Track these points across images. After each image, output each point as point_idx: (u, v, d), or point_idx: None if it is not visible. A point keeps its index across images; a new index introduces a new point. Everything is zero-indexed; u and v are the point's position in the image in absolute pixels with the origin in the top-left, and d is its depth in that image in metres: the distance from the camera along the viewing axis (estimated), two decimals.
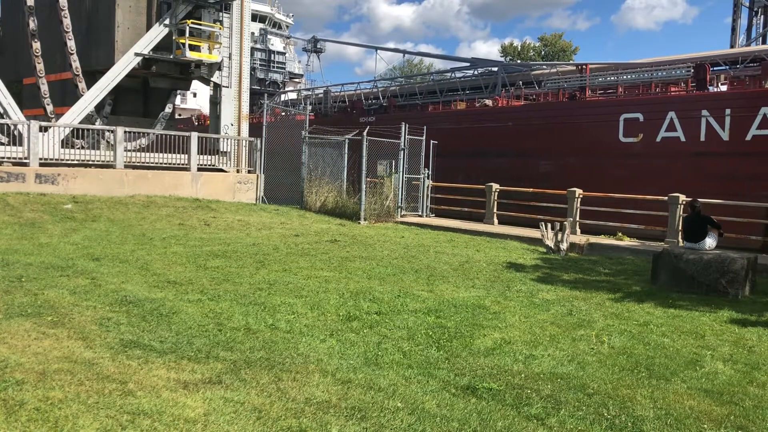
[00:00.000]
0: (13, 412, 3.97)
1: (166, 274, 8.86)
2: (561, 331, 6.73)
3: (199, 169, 20.85)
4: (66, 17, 20.64)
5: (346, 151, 20.06)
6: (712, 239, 10.08)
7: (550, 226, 14.00)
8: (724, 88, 23.25)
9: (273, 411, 4.24)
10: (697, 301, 8.79)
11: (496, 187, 18.72)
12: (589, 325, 7.10)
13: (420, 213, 20.34)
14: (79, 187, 17.97)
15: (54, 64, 21.69)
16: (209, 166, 21.75)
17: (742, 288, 9.23)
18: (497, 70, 33.15)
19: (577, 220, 16.26)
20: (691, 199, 11.57)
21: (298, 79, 50.01)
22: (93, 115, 21.57)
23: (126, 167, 19.39)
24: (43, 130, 18.43)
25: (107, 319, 6.33)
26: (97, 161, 19.23)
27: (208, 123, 26.83)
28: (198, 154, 20.87)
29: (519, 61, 57.38)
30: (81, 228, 13.83)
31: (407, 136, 19.78)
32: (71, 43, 20.68)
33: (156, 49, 21.75)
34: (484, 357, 5.69)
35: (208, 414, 4.13)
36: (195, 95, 54.20)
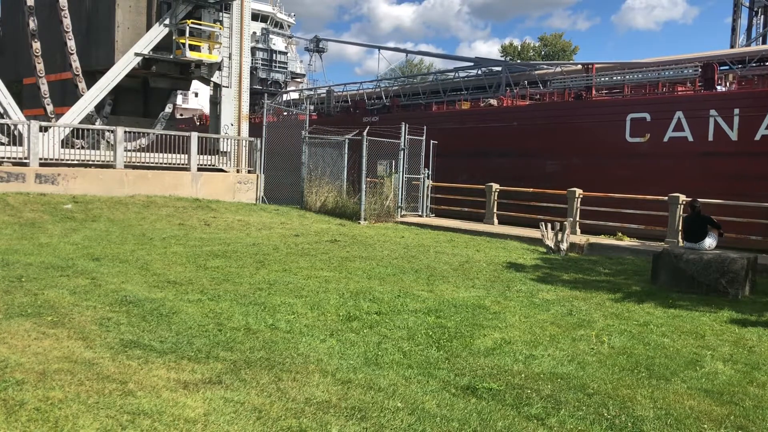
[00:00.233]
0: (13, 412, 3.97)
1: (166, 274, 8.86)
2: (561, 331, 6.73)
3: (199, 169, 20.86)
4: (66, 17, 20.65)
5: (346, 151, 20.06)
6: (712, 239, 10.09)
7: (550, 226, 14.00)
8: (734, 87, 23.06)
9: (273, 411, 4.24)
10: (697, 301, 8.79)
11: (496, 187, 18.71)
12: (589, 325, 7.10)
13: (420, 213, 20.34)
14: (79, 187, 17.97)
15: (54, 64, 21.70)
16: (209, 166, 21.75)
17: (742, 288, 9.23)
18: (501, 69, 33.11)
19: (577, 220, 16.26)
20: (691, 199, 11.57)
21: (300, 79, 49.93)
22: (93, 115, 21.58)
23: (126, 167, 19.39)
24: (43, 130, 18.43)
25: (107, 319, 6.34)
26: (97, 161, 19.24)
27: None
28: (198, 154, 20.87)
29: (519, 61, 57.31)
30: (81, 228, 13.84)
31: (407, 136, 19.79)
32: (71, 43, 20.69)
33: (156, 49, 21.76)
34: (484, 357, 5.69)
35: (208, 414, 4.13)
36: (197, 95, 54.16)
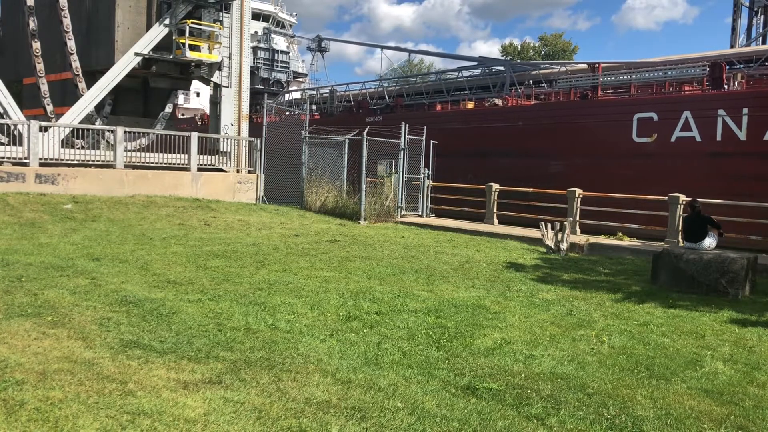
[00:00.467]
0: (13, 412, 3.97)
1: (166, 274, 8.86)
2: (561, 331, 6.73)
3: (199, 169, 20.86)
4: (66, 17, 20.65)
5: (346, 151, 20.05)
6: (712, 239, 10.09)
7: (550, 226, 13.99)
8: (743, 86, 22.81)
9: (273, 411, 4.24)
10: (697, 301, 8.78)
11: (496, 187, 18.71)
12: (589, 325, 7.10)
13: (420, 213, 20.33)
14: (79, 187, 17.97)
15: (54, 64, 21.70)
16: (209, 166, 21.75)
17: (742, 288, 9.23)
18: (505, 69, 33.04)
19: (577, 220, 16.25)
20: (691, 198, 11.57)
21: (302, 79, 49.83)
22: (93, 115, 21.59)
23: (126, 167, 19.39)
24: (43, 130, 18.43)
25: (107, 319, 6.34)
26: (97, 161, 19.24)
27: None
28: (198, 154, 20.88)
29: (519, 61, 57.30)
30: (81, 228, 13.83)
31: (407, 136, 19.79)
32: (71, 43, 20.69)
33: (156, 49, 21.76)
34: (484, 357, 5.69)
35: (208, 414, 4.13)
36: (198, 95, 54.01)
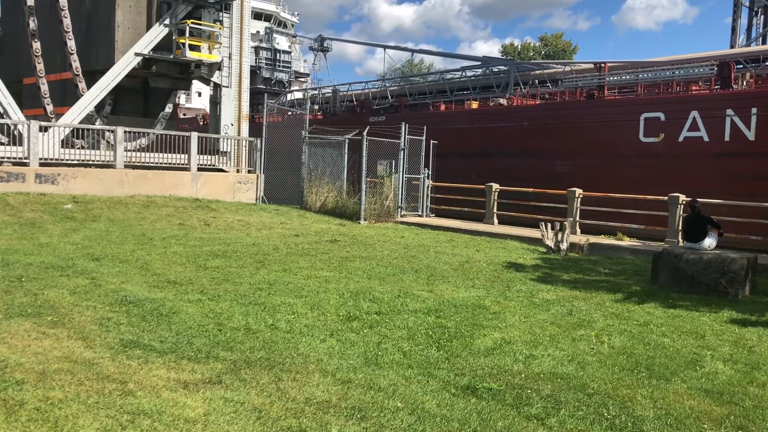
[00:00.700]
0: (13, 412, 3.97)
1: (166, 274, 8.86)
2: (561, 331, 6.73)
3: (199, 169, 20.85)
4: (66, 17, 20.65)
5: (346, 151, 20.05)
6: (711, 239, 10.08)
7: (550, 226, 13.99)
8: (751, 86, 22.60)
9: (273, 411, 4.24)
10: (697, 301, 8.78)
11: (496, 187, 18.70)
12: (589, 325, 7.09)
13: (420, 213, 20.33)
14: (79, 187, 17.97)
15: (54, 64, 21.70)
16: (209, 166, 21.75)
17: (742, 288, 9.23)
18: (509, 68, 32.98)
19: (577, 220, 16.25)
20: (691, 198, 11.57)
21: (303, 79, 49.74)
22: (93, 115, 21.58)
23: (126, 167, 19.39)
24: (43, 130, 18.43)
25: (107, 319, 6.34)
26: (97, 161, 19.24)
27: None
28: (198, 154, 20.88)
29: (520, 60, 57.26)
30: (81, 228, 13.83)
31: (407, 136, 19.79)
32: (71, 43, 20.69)
33: (156, 49, 21.76)
34: (484, 357, 5.69)
35: (208, 414, 4.13)
36: (200, 95, 53.98)
